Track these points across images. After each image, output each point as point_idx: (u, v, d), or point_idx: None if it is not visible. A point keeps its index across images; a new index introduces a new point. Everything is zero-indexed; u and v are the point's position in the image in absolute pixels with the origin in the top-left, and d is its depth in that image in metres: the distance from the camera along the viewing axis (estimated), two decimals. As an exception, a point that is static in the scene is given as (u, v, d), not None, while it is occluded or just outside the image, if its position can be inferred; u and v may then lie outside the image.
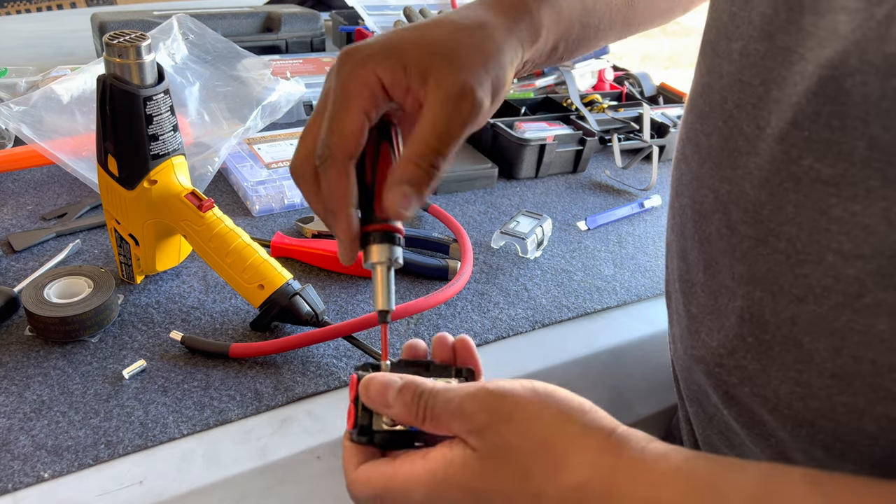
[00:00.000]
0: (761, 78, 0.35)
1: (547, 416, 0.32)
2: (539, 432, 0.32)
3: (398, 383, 0.34)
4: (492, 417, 0.32)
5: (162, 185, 0.58)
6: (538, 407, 0.32)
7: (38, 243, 0.68)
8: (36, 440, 0.48)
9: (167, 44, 0.84)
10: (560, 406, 0.32)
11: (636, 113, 0.99)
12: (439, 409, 0.33)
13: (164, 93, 0.55)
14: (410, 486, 0.33)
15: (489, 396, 0.33)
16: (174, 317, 0.60)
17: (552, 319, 0.65)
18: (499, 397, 0.32)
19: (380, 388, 0.34)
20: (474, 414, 0.32)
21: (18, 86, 0.91)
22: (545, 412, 0.32)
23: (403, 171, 0.36)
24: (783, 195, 0.34)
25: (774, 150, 0.34)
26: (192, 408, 0.51)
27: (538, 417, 0.32)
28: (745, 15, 0.37)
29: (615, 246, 0.78)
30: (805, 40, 0.33)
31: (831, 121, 0.31)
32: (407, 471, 0.33)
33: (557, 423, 0.32)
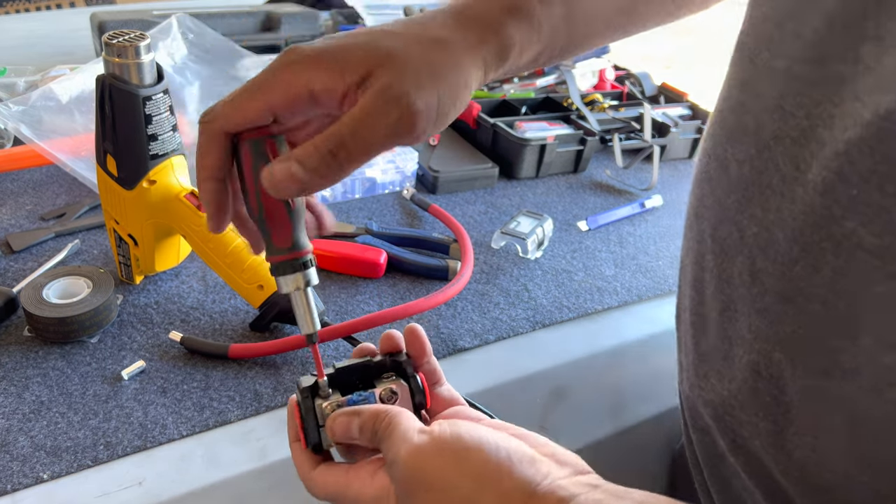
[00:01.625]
0: (806, 110, 0.31)
1: (463, 482, 0.32)
2: (455, 501, 0.32)
3: (356, 423, 0.37)
4: (411, 486, 0.33)
5: (161, 185, 0.58)
6: (454, 472, 0.32)
7: (37, 243, 0.68)
8: (35, 441, 0.47)
9: (166, 43, 0.84)
10: (475, 469, 0.32)
11: (637, 113, 0.99)
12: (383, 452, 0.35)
13: (164, 92, 0.55)
14: (361, 500, 0.36)
15: (408, 467, 0.33)
16: (173, 317, 0.60)
17: (553, 320, 0.65)
18: (415, 465, 0.33)
19: (343, 428, 0.37)
20: (399, 482, 0.34)
21: (17, 85, 0.91)
22: (461, 478, 0.32)
23: (300, 149, 0.34)
24: (820, 255, 0.30)
25: (814, 202, 0.30)
26: (191, 409, 0.51)
27: (454, 484, 0.32)
28: (793, 27, 0.33)
29: (616, 246, 0.78)
30: (863, 76, 0.28)
31: (885, 184, 0.27)
32: (358, 486, 0.36)
33: (473, 490, 0.32)
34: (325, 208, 0.43)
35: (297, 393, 0.39)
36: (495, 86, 1.05)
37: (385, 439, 0.35)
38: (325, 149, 0.33)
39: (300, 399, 0.39)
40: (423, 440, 0.34)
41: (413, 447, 0.34)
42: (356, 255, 0.67)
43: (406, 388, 0.39)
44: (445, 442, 0.33)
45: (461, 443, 0.33)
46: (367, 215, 0.79)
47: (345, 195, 0.81)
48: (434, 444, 0.33)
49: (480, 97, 1.01)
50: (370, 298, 0.65)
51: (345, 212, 0.79)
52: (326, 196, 0.80)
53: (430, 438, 0.34)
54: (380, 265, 0.67)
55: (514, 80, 1.05)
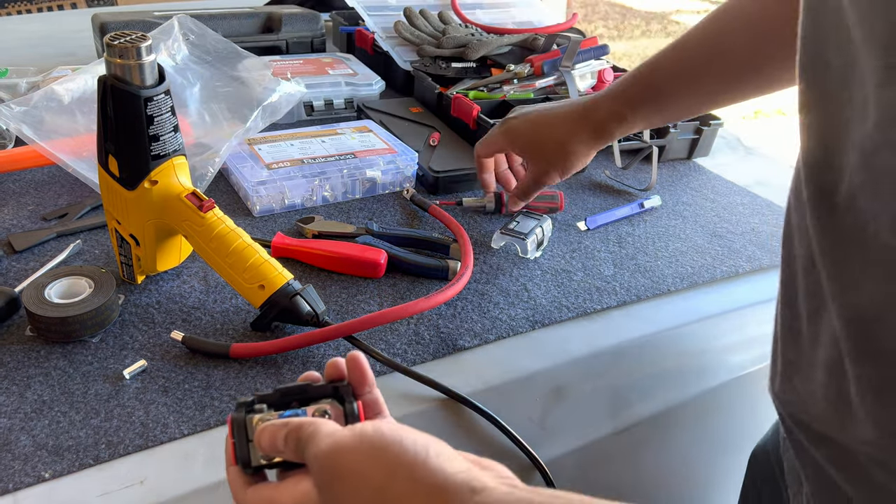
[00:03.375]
0: None
1: (376, 472, 0.33)
2: (366, 491, 0.33)
3: (282, 433, 0.37)
4: (327, 476, 0.34)
5: (163, 185, 0.58)
6: (368, 463, 0.33)
7: (39, 243, 0.68)
8: (37, 440, 0.48)
9: (168, 44, 0.84)
10: (390, 460, 0.33)
11: (636, 113, 0.99)
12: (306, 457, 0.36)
13: (165, 93, 0.55)
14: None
15: (326, 458, 0.34)
16: (175, 317, 0.60)
17: (552, 320, 0.65)
18: (333, 457, 0.34)
19: (270, 437, 0.37)
20: (315, 474, 0.35)
21: (19, 86, 0.91)
22: (374, 469, 0.33)
23: (521, 191, 0.76)
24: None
25: None
26: (192, 408, 0.51)
27: (367, 475, 0.33)
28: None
29: (615, 246, 0.78)
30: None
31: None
32: (282, 497, 0.37)
33: (384, 479, 0.32)
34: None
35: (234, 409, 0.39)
36: (495, 87, 1.05)
37: (308, 443, 0.35)
38: (521, 193, 0.77)
39: (234, 413, 0.39)
40: (344, 435, 0.34)
41: (333, 441, 0.34)
42: (356, 255, 0.68)
43: (341, 413, 0.39)
44: (365, 435, 0.34)
45: (380, 436, 0.34)
46: (368, 215, 0.79)
47: (345, 195, 0.82)
48: (353, 438, 0.34)
49: (480, 98, 1.01)
50: (370, 298, 0.65)
51: (345, 212, 0.79)
52: (327, 196, 0.80)
53: (350, 433, 0.34)
54: (380, 265, 0.68)
55: (514, 82, 1.06)
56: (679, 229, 0.83)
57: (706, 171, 1.00)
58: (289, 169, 0.79)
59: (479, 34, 1.15)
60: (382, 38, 1.14)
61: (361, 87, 1.04)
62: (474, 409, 0.55)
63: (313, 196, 0.79)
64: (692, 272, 0.75)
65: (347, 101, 1.03)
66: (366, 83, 1.04)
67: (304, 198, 0.79)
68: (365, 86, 1.04)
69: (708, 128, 1.00)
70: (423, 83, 1.04)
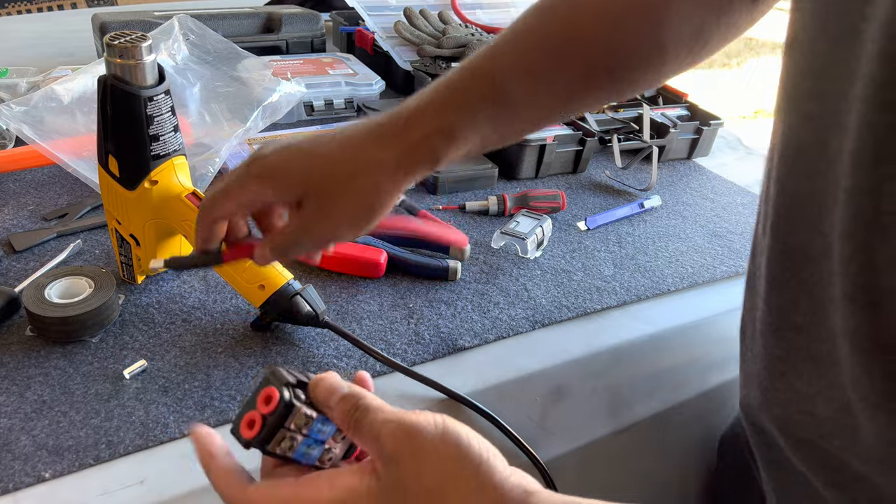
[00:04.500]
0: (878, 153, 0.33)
1: (446, 461, 0.33)
2: (435, 476, 0.33)
3: (344, 390, 0.36)
4: (399, 449, 0.33)
5: (163, 185, 0.58)
6: (441, 451, 0.33)
7: (39, 243, 0.68)
8: (37, 440, 0.48)
9: (168, 44, 0.84)
10: (460, 453, 0.33)
11: (636, 113, 0.99)
12: (365, 427, 0.35)
13: (165, 93, 0.56)
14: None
15: (400, 429, 0.34)
16: (175, 317, 0.60)
17: (552, 319, 0.65)
18: (408, 431, 0.33)
19: (328, 389, 0.36)
20: (385, 442, 0.34)
21: (19, 86, 0.91)
22: (446, 458, 0.33)
23: (277, 244, 0.47)
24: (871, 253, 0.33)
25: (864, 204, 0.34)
26: (192, 408, 0.51)
27: (437, 461, 0.33)
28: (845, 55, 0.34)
29: (615, 246, 0.78)
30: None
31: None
32: (312, 495, 0.34)
33: (454, 470, 0.33)
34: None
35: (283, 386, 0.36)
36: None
37: (369, 412, 0.35)
38: (281, 248, 0.47)
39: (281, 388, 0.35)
40: (417, 418, 0.34)
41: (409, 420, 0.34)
42: (356, 255, 0.68)
43: None
44: (440, 422, 0.34)
45: (454, 426, 0.34)
46: (368, 216, 0.79)
47: (345, 195, 0.81)
48: (429, 421, 0.34)
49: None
50: (370, 298, 0.65)
51: (345, 212, 0.79)
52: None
53: (423, 417, 0.34)
54: (380, 265, 0.68)
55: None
56: (679, 229, 0.83)
57: (706, 170, 1.00)
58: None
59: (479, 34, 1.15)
60: (382, 37, 1.14)
61: (361, 86, 1.04)
62: (474, 408, 0.55)
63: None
64: (692, 272, 0.75)
65: (347, 101, 1.03)
66: (366, 83, 1.04)
67: (304, 198, 0.79)
68: (365, 86, 1.04)
69: (708, 128, 1.00)
70: (424, 83, 1.04)
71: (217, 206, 0.46)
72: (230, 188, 0.45)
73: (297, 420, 0.36)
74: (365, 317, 0.63)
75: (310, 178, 0.45)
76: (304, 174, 0.45)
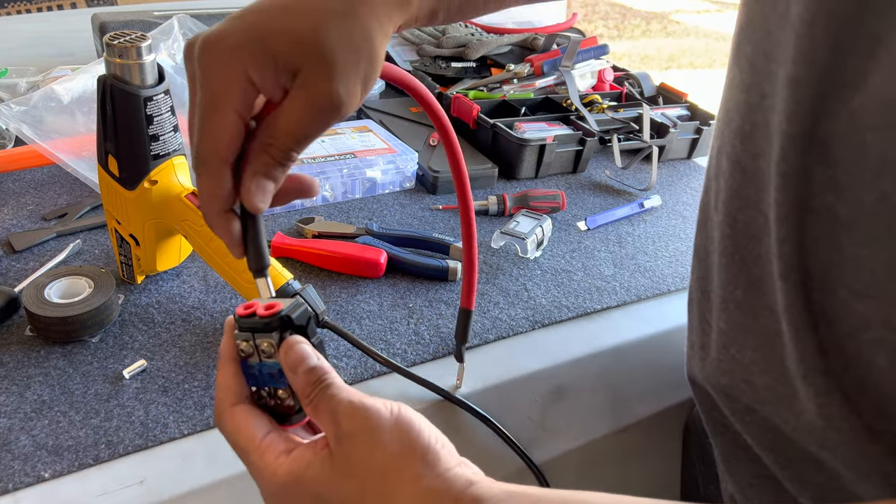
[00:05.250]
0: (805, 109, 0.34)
1: (395, 444, 0.33)
2: (384, 457, 0.33)
3: (313, 361, 0.35)
4: (354, 428, 0.33)
5: (162, 185, 0.58)
6: (392, 434, 0.33)
7: (39, 243, 0.68)
8: (36, 440, 0.48)
9: (168, 44, 0.84)
10: (409, 438, 0.33)
11: (636, 113, 0.99)
12: (324, 402, 0.34)
13: (165, 93, 0.56)
14: (265, 476, 0.34)
15: (357, 409, 0.34)
16: (175, 317, 0.60)
17: (552, 319, 0.65)
18: (365, 412, 0.34)
19: (299, 355, 0.35)
20: (341, 420, 0.34)
21: (19, 86, 0.91)
22: (395, 441, 0.33)
23: (262, 164, 0.36)
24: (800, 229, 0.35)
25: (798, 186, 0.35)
26: (192, 407, 0.51)
27: (388, 443, 0.33)
28: (783, 35, 0.35)
29: (615, 246, 0.78)
30: (830, 78, 0.32)
31: (849, 168, 0.32)
32: (270, 460, 0.34)
33: (401, 454, 0.33)
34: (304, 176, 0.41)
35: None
36: (495, 87, 1.05)
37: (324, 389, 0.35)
38: (283, 157, 0.36)
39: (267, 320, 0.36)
40: (375, 403, 0.34)
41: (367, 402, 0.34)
42: (356, 255, 0.68)
43: None
44: (389, 405, 0.34)
45: (405, 412, 0.34)
46: (368, 215, 0.79)
47: (345, 195, 0.82)
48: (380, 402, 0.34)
49: (480, 98, 1.01)
50: (370, 298, 0.65)
51: (345, 212, 0.79)
52: (327, 196, 0.80)
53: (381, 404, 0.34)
54: (380, 265, 0.68)
55: (514, 81, 1.06)
56: (679, 229, 0.83)
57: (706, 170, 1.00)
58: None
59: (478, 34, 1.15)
60: (382, 37, 1.14)
61: (361, 86, 1.04)
62: (470, 410, 0.55)
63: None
64: (692, 272, 0.75)
65: (347, 101, 1.03)
66: (366, 83, 1.04)
67: (304, 198, 0.79)
68: (365, 86, 1.04)
69: (708, 127, 1.00)
70: (424, 83, 1.04)
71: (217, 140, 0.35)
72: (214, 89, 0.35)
73: (267, 342, 0.36)
74: (365, 317, 0.63)
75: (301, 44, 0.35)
76: (292, 39, 0.35)
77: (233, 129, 0.35)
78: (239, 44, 0.34)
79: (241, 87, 0.34)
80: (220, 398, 0.37)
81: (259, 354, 0.37)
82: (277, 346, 0.36)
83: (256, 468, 0.35)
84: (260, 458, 0.35)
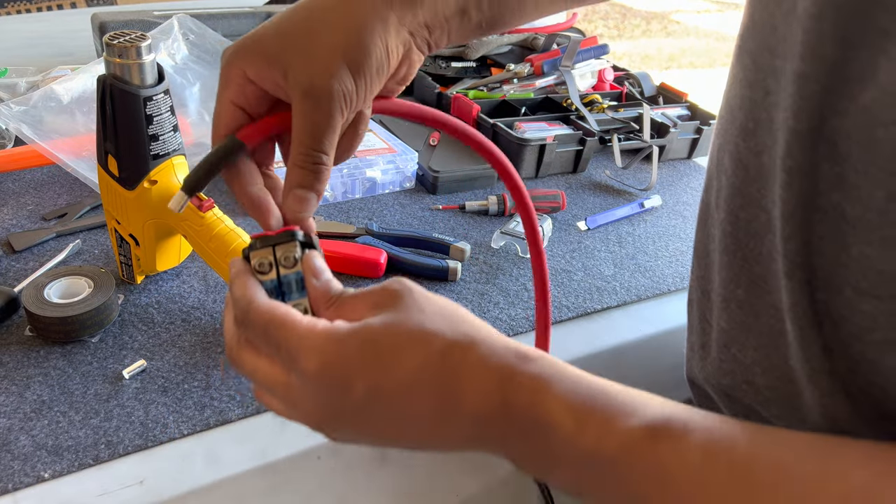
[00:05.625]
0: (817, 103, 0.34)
1: (446, 306, 0.34)
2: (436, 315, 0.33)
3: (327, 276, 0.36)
4: (396, 291, 0.34)
5: (162, 185, 0.58)
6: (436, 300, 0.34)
7: (39, 243, 0.68)
8: (36, 440, 0.48)
9: (167, 44, 0.84)
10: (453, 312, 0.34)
11: (636, 113, 0.99)
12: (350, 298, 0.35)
13: (165, 93, 0.55)
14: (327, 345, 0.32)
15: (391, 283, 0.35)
16: (174, 317, 0.60)
17: (552, 319, 0.65)
18: (400, 282, 0.35)
19: (321, 264, 0.37)
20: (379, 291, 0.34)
21: (19, 86, 0.91)
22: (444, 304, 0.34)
23: (292, 176, 0.37)
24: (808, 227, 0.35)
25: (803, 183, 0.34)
26: (192, 408, 0.51)
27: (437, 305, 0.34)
28: (789, 31, 0.35)
29: (615, 246, 0.78)
30: (839, 73, 0.32)
31: (857, 165, 0.31)
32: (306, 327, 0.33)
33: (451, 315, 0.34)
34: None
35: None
36: (495, 86, 1.05)
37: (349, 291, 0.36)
38: (310, 163, 0.37)
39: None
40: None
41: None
42: (356, 255, 0.68)
43: None
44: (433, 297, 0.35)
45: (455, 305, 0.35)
46: (368, 215, 0.79)
47: (345, 195, 0.81)
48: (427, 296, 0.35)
49: (480, 98, 1.01)
50: (370, 298, 0.65)
51: (345, 212, 0.79)
52: (327, 196, 0.80)
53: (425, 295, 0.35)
54: (380, 265, 0.67)
55: (514, 81, 1.06)
56: (679, 229, 0.83)
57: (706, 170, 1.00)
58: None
59: (478, 34, 1.15)
60: (382, 37, 1.14)
61: (361, 86, 1.04)
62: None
63: (313, 196, 0.79)
64: (692, 272, 0.75)
65: (347, 101, 1.03)
66: (366, 83, 1.04)
67: (304, 197, 0.79)
68: (365, 85, 1.04)
69: (708, 127, 1.00)
70: (423, 83, 1.04)
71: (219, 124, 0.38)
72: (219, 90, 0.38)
73: (288, 252, 0.36)
74: (365, 317, 0.63)
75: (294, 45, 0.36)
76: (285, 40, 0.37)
77: (226, 115, 0.38)
78: (239, 48, 0.38)
79: (237, 82, 0.37)
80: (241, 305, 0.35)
81: (277, 268, 0.37)
82: (302, 252, 0.37)
83: (298, 337, 0.33)
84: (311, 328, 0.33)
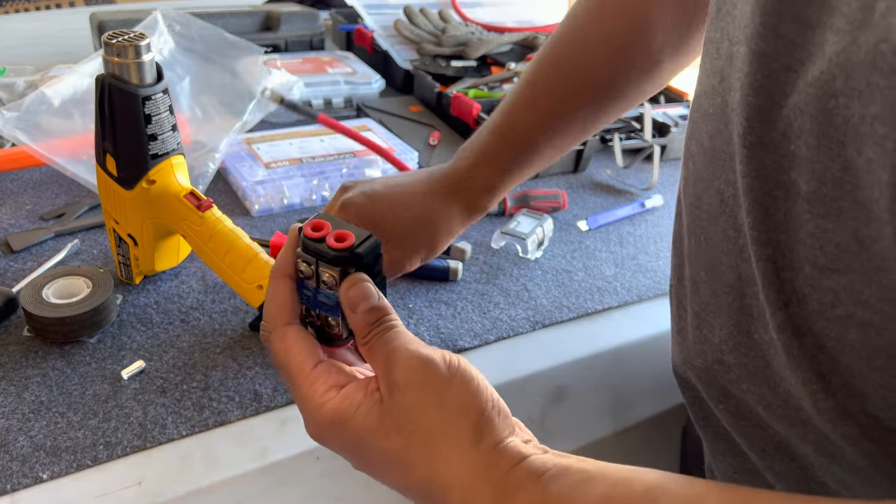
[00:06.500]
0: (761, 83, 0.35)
1: (447, 405, 0.33)
2: (434, 417, 0.32)
3: (375, 300, 0.35)
4: (408, 379, 0.33)
5: (161, 184, 0.58)
6: (446, 392, 0.33)
7: (37, 243, 0.68)
8: (34, 441, 0.47)
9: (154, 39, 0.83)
10: (463, 402, 0.33)
11: (637, 112, 0.99)
12: (381, 345, 0.34)
13: (163, 92, 0.55)
14: (311, 407, 0.34)
15: (414, 358, 0.33)
16: (173, 317, 0.60)
17: (553, 320, 0.65)
18: (422, 364, 0.33)
19: (361, 293, 0.35)
20: (397, 368, 0.33)
21: (17, 85, 0.91)
22: (447, 401, 0.33)
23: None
24: (772, 203, 0.35)
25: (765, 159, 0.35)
26: (191, 408, 0.51)
27: (438, 402, 0.32)
28: (743, 12, 0.36)
29: (616, 246, 0.78)
30: (796, 52, 0.32)
31: (809, 139, 0.31)
32: (318, 392, 0.34)
33: (454, 417, 0.32)
34: None
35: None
36: (495, 86, 1.05)
37: (383, 332, 0.35)
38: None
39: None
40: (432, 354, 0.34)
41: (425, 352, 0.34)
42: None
43: None
44: (448, 358, 0.34)
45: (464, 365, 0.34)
46: (367, 215, 0.79)
47: (345, 195, 0.81)
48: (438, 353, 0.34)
49: (481, 97, 1.00)
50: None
51: (345, 211, 0.79)
52: (327, 196, 0.80)
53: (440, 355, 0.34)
54: (380, 265, 0.67)
55: (515, 80, 1.05)
56: (680, 229, 0.83)
57: (707, 170, 1.00)
58: (287, 168, 0.78)
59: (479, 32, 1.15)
60: (382, 36, 1.14)
61: (361, 85, 1.04)
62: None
63: (312, 196, 0.79)
64: (693, 272, 0.75)
65: (347, 100, 1.03)
66: (365, 82, 1.04)
67: (304, 197, 0.79)
68: (364, 84, 1.04)
69: (708, 127, 1.00)
70: (423, 82, 1.04)
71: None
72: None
73: (329, 273, 0.35)
74: (364, 317, 0.63)
75: (389, 221, 0.54)
76: (383, 216, 0.54)
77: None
78: (360, 210, 0.54)
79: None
80: (271, 314, 0.37)
81: (318, 281, 0.36)
82: (340, 280, 0.35)
83: (302, 396, 0.35)
84: (309, 387, 0.34)
